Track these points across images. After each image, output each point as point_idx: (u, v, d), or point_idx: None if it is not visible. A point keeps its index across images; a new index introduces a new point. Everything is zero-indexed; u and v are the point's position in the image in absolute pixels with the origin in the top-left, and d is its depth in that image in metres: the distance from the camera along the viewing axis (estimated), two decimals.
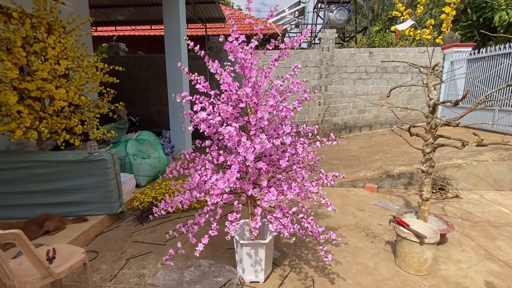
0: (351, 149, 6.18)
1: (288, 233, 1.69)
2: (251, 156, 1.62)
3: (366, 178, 4.44)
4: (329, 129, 7.53)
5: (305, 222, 1.82)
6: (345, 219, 3.34)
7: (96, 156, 2.99)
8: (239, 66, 1.68)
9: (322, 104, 7.51)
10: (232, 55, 1.65)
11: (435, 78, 2.69)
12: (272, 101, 1.68)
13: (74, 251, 1.88)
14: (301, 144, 1.88)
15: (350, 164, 5.12)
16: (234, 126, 1.78)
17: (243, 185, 1.86)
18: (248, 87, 1.62)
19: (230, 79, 1.77)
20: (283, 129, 1.88)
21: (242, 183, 1.87)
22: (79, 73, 3.31)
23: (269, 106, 1.71)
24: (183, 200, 1.83)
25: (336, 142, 2.06)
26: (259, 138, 1.58)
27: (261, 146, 1.63)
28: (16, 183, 2.96)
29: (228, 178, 1.54)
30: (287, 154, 1.84)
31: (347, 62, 7.39)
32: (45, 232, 2.64)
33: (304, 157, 1.94)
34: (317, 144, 1.98)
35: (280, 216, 1.72)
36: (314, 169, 2.27)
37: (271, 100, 1.68)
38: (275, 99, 1.73)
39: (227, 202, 1.87)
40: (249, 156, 1.62)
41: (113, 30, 9.37)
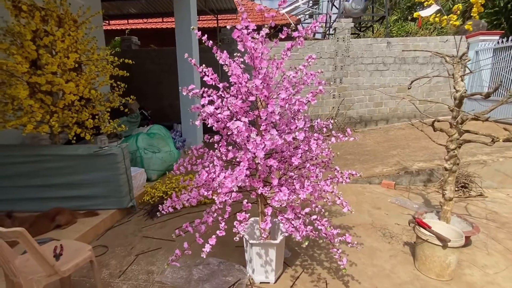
0: (366, 143, 5.96)
1: (300, 237, 1.59)
2: (261, 153, 1.52)
3: (382, 175, 4.25)
4: (344, 122, 7.30)
5: (319, 224, 1.71)
6: (360, 217, 3.20)
7: (106, 151, 2.97)
8: (249, 57, 1.57)
9: (337, 97, 7.27)
10: (241, 44, 1.54)
11: (462, 68, 2.48)
12: (284, 94, 1.56)
13: (81, 248, 1.85)
14: (315, 140, 1.76)
15: (366, 160, 4.93)
16: (243, 120, 1.68)
17: (252, 183, 1.77)
18: (258, 79, 1.50)
19: (239, 71, 1.66)
20: (296, 124, 1.76)
21: (252, 180, 1.77)
22: (89, 66, 3.28)
23: (281, 99, 1.59)
24: (190, 198, 1.75)
25: (353, 138, 1.92)
26: (269, 134, 1.47)
27: (272, 143, 1.52)
28: (29, 176, 2.99)
29: (237, 177, 1.45)
30: (300, 151, 1.72)
31: (363, 53, 7.09)
32: (56, 226, 2.65)
33: (317, 154, 1.81)
34: (332, 140, 1.84)
35: (291, 217, 1.61)
36: (329, 166, 2.14)
37: (283, 93, 1.56)
38: (287, 92, 1.60)
39: (236, 200, 1.78)
40: (259, 153, 1.51)
41: (125, 23, 9.38)
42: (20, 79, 2.75)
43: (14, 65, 2.57)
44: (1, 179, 2.98)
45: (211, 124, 1.66)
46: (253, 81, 1.49)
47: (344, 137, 1.88)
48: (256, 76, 1.54)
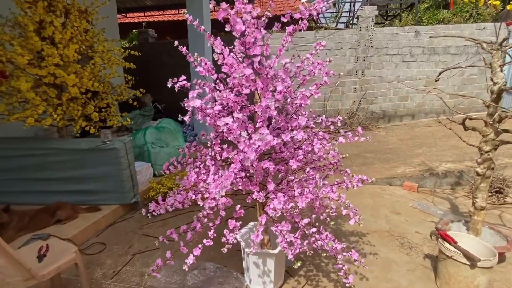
0: (389, 141, 5.55)
1: (292, 255, 1.38)
2: (252, 154, 1.31)
3: (404, 175, 3.89)
4: (365, 118, 6.88)
5: (319, 238, 1.49)
6: (376, 223, 2.91)
7: (108, 145, 2.89)
8: (240, 43, 1.35)
9: (358, 90, 6.84)
10: (228, 27, 1.32)
11: (502, 57, 2.11)
12: (281, 85, 1.33)
13: (67, 248, 1.75)
14: (319, 140, 1.52)
15: (387, 159, 4.56)
16: (235, 116, 1.47)
17: (247, 187, 1.57)
18: (248, 68, 1.28)
19: (232, 60, 1.44)
20: (297, 121, 1.53)
21: (247, 184, 1.57)
22: (95, 58, 3.20)
23: (278, 92, 1.37)
24: (175, 202, 1.59)
25: (364, 138, 1.65)
26: (258, 133, 1.26)
27: (265, 143, 1.31)
28: (34, 169, 2.98)
29: (222, 182, 1.25)
30: (301, 152, 1.50)
31: (388, 42, 6.59)
32: (56, 221, 2.62)
33: (321, 156, 1.57)
34: (340, 139, 1.59)
35: (286, 229, 1.40)
36: (338, 168, 1.90)
37: (279, 84, 1.34)
38: (285, 84, 1.37)
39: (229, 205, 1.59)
40: (250, 154, 1.31)
41: (142, 16, 9.39)
42: (24, 71, 2.71)
43: (15, 57, 2.52)
44: (7, 172, 3.00)
45: (202, 119, 1.47)
46: (241, 70, 1.28)
47: (354, 136, 1.62)
48: (248, 65, 1.33)
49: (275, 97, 1.37)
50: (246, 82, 1.32)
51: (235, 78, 1.34)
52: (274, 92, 1.44)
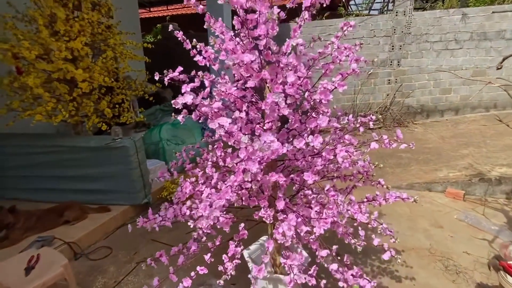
0: (428, 139, 4.95)
1: None
2: (255, 166, 1.01)
3: (447, 180, 3.37)
4: (400, 113, 6.24)
5: (342, 278, 1.16)
6: (414, 237, 2.49)
7: (117, 143, 2.74)
8: (239, 21, 1.04)
9: (393, 82, 6.22)
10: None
11: None
12: (292, 76, 1.01)
13: (55, 261, 1.59)
14: (344, 147, 1.18)
15: (426, 160, 4.03)
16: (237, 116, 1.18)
17: (252, 202, 1.28)
18: (248, 53, 0.98)
19: (233, 45, 1.14)
20: (316, 122, 1.20)
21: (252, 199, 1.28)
22: (107, 52, 3.06)
23: (289, 84, 1.05)
24: (162, 220, 1.35)
25: (405, 145, 1.28)
26: (258, 140, 0.96)
27: (272, 151, 1.01)
28: (48, 167, 2.92)
29: (211, 203, 0.97)
30: (320, 162, 1.17)
31: (429, 28, 5.87)
32: (65, 221, 2.52)
33: (345, 168, 1.22)
34: (372, 146, 1.24)
35: (297, 263, 1.09)
36: (369, 178, 1.54)
37: (291, 75, 1.01)
38: (299, 73, 1.05)
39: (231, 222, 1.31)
40: (252, 166, 1.01)
41: (165, 9, 9.33)
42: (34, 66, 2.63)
43: (23, 51, 2.43)
44: (23, 168, 2.98)
45: (196, 119, 1.20)
46: (237, 55, 0.98)
47: (390, 143, 1.25)
48: (249, 49, 1.02)
49: (287, 90, 1.05)
50: (246, 71, 1.02)
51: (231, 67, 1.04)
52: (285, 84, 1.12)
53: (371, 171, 1.46)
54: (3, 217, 2.19)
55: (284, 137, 1.32)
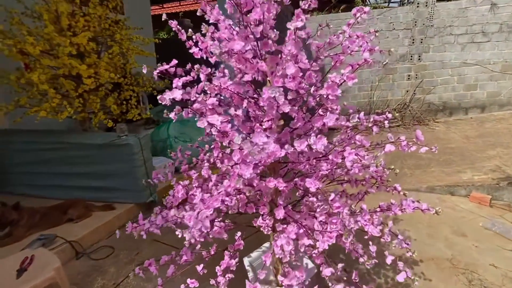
0: (450, 138, 4.64)
1: None
2: (248, 171, 0.88)
3: (472, 184, 3.11)
4: (420, 110, 5.91)
5: None
6: (433, 247, 2.29)
7: (122, 140, 2.68)
8: (231, 4, 0.91)
9: (413, 78, 5.89)
10: None
11: None
12: (292, 67, 0.87)
13: (48, 264, 1.53)
14: (354, 149, 1.02)
15: (448, 161, 3.75)
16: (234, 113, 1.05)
17: (249, 209, 1.15)
18: (238, 40, 0.85)
19: (228, 33, 1.01)
20: (323, 120, 1.06)
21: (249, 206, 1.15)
22: (114, 47, 3.01)
23: (290, 77, 0.91)
24: (149, 227, 1.24)
25: (425, 148, 1.11)
26: (248, 142, 0.82)
27: (269, 154, 0.87)
28: (54, 163, 2.91)
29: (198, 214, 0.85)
30: (325, 166, 1.02)
31: (453, 20, 5.49)
32: (68, 219, 2.50)
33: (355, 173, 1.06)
34: (388, 148, 1.07)
35: (295, 283, 0.95)
36: (384, 183, 1.37)
37: (290, 66, 0.87)
38: (301, 64, 0.90)
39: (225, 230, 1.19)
40: (244, 170, 0.88)
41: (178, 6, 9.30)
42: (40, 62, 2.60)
43: (26, 47, 2.40)
44: (31, 165, 2.99)
45: (186, 116, 1.08)
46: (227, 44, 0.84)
47: (409, 145, 1.08)
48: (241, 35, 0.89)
49: (286, 84, 0.91)
50: (238, 62, 0.89)
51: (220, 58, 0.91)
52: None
53: (386, 176, 1.29)
54: (7, 213, 2.18)
55: (286, 137, 1.18)
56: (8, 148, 3.03)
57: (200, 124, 0.94)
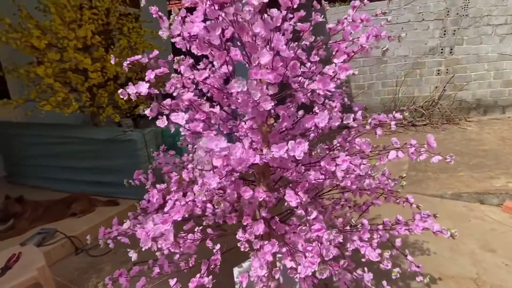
0: (484, 139, 4.21)
1: None
2: (214, 180, 0.74)
3: (506, 192, 2.77)
4: (450, 108, 5.45)
5: None
6: (455, 262, 2.03)
7: (126, 136, 2.64)
8: None
9: (443, 73, 5.42)
10: None
11: None
12: (267, 55, 0.70)
13: (32, 263, 1.49)
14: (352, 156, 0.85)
15: (479, 164, 3.39)
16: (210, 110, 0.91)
17: (229, 219, 1.01)
18: (199, 23, 0.69)
19: (200, 18, 0.86)
20: (314, 120, 0.89)
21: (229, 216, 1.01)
22: (121, 40, 2.96)
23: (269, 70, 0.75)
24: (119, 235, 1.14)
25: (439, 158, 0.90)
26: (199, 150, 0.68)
27: (238, 161, 0.73)
28: (62, 157, 2.95)
29: (149, 231, 0.72)
30: (313, 176, 0.86)
31: (491, 9, 4.96)
32: (71, 213, 2.50)
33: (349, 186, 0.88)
34: (391, 156, 0.88)
35: None
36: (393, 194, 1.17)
37: (265, 54, 0.70)
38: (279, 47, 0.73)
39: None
40: (211, 180, 0.74)
41: None
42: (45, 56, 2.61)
43: (32, 40, 2.40)
44: (41, 158, 3.04)
45: (151, 116, 0.96)
46: (186, 27, 0.70)
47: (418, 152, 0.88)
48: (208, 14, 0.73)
49: (264, 76, 0.75)
50: (200, 49, 0.74)
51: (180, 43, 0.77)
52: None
53: (393, 186, 1.10)
54: (10, 206, 2.20)
55: (275, 139, 1.03)
56: (20, 140, 3.11)
57: (160, 123, 0.81)
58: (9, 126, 3.20)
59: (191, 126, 0.86)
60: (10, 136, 3.18)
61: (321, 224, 0.73)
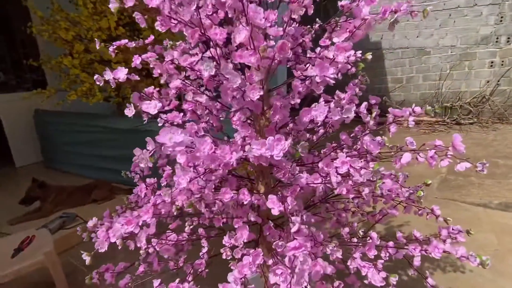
0: None
1: None
2: (184, 179, 0.64)
3: None
4: (504, 105, 4.81)
5: None
6: (496, 284, 1.74)
7: (144, 126, 2.66)
8: None
9: (497, 65, 4.78)
10: None
11: None
12: (243, 32, 0.58)
13: (40, 247, 1.53)
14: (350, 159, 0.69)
15: None
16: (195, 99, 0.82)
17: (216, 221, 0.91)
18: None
19: None
20: (311, 113, 0.75)
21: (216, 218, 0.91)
22: (145, 31, 2.98)
23: (245, 49, 0.62)
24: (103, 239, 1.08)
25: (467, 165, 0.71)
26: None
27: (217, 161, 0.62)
28: (92, 145, 3.08)
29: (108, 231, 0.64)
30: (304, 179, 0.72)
31: None
32: (92, 200, 2.59)
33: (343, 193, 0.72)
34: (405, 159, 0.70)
35: None
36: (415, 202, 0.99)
37: (241, 30, 0.58)
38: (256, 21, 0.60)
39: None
40: (180, 178, 0.65)
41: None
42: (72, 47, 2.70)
43: (59, 32, 2.49)
44: (71, 145, 3.21)
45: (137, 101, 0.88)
46: None
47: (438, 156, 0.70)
48: None
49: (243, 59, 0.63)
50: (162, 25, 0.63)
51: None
52: None
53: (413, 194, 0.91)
54: (32, 190, 2.34)
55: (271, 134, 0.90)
56: (54, 128, 3.31)
57: (127, 112, 0.73)
58: (45, 114, 3.42)
59: (168, 117, 0.76)
60: (46, 123, 3.40)
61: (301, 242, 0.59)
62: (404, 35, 5.07)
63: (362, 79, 1.11)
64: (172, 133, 0.57)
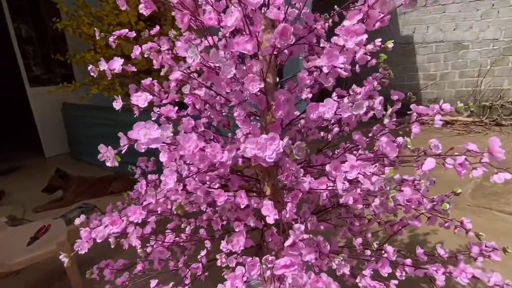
0: None
1: None
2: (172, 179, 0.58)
3: None
4: None
5: None
6: None
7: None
8: None
9: None
10: None
11: None
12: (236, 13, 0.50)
13: (55, 236, 1.56)
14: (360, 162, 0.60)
15: None
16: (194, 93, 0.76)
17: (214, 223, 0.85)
18: None
19: None
20: (318, 109, 0.66)
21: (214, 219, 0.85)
22: (164, 26, 2.98)
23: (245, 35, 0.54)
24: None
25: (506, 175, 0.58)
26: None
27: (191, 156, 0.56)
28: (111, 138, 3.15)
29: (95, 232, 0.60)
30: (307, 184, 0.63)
31: None
32: (111, 192, 2.65)
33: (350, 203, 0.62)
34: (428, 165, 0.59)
35: None
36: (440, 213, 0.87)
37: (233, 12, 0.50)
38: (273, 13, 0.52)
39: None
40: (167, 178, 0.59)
41: None
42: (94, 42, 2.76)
43: (81, 27, 2.55)
44: (94, 137, 3.31)
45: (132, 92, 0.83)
46: None
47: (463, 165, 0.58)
48: None
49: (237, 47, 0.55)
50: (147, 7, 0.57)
51: None
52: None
53: (439, 204, 0.79)
54: (53, 180, 2.43)
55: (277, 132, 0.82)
56: (81, 121, 3.43)
57: (116, 104, 0.68)
58: (72, 108, 3.56)
59: (162, 111, 0.71)
60: (73, 116, 3.54)
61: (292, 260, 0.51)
62: (439, 28, 4.70)
63: (383, 72, 0.99)
64: (147, 128, 0.51)
